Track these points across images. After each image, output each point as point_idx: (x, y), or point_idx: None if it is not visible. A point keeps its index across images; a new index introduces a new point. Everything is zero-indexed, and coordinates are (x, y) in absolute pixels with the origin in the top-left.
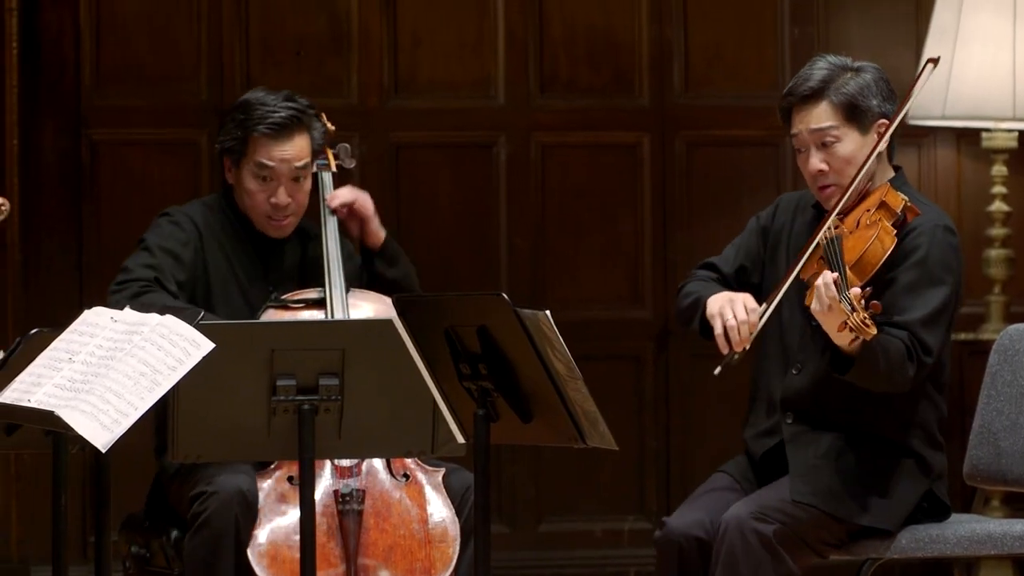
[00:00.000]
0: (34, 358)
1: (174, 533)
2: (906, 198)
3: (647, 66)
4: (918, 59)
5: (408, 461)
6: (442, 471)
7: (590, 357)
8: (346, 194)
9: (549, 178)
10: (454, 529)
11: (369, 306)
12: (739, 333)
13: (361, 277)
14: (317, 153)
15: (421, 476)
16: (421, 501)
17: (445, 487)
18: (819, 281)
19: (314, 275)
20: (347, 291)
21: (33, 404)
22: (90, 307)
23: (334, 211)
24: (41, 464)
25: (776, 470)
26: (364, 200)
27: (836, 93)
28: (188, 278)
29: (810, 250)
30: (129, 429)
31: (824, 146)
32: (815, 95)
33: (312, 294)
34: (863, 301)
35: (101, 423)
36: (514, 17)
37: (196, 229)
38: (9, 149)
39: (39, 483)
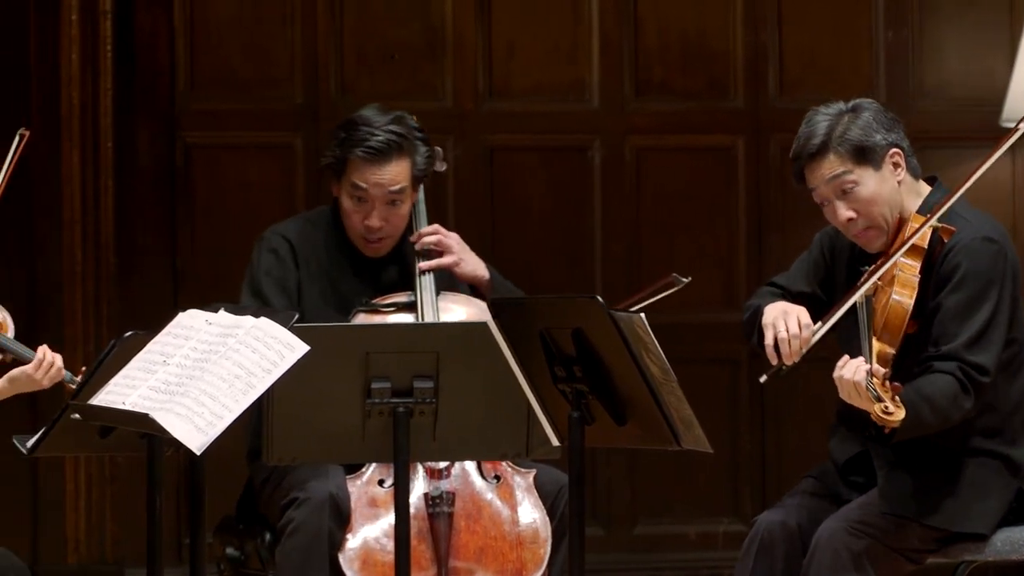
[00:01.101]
0: (129, 361)
1: (268, 536)
2: (936, 222)
3: (742, 70)
4: (1011, 62)
5: (500, 463)
6: (534, 472)
7: (685, 360)
8: (429, 237)
9: (643, 181)
10: (545, 530)
11: (460, 309)
12: (789, 346)
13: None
14: (419, 179)
15: (513, 477)
16: (512, 503)
17: (537, 488)
18: (840, 373)
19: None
20: (438, 294)
21: (128, 407)
22: (184, 310)
23: (423, 252)
24: (136, 466)
25: (861, 476)
26: (448, 253)
27: (840, 142)
28: (289, 301)
29: (854, 298)
30: (223, 431)
31: (845, 193)
32: (821, 150)
33: (402, 297)
34: (887, 383)
35: (196, 425)
36: (609, 23)
37: (291, 250)
38: (104, 152)
39: (134, 485)
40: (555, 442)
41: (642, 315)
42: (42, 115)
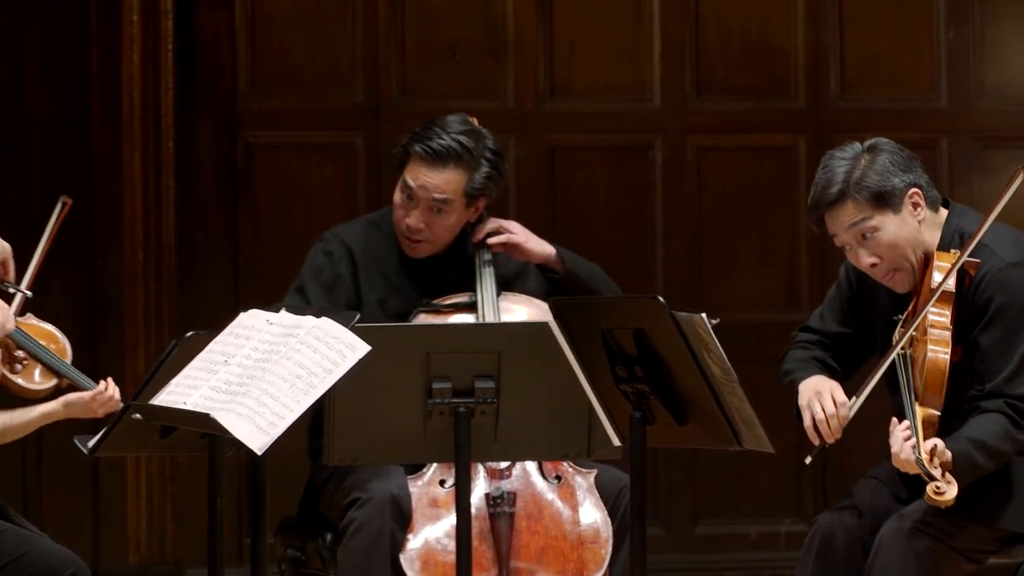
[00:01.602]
0: (190, 361)
1: (329, 536)
2: (958, 258)
3: (803, 70)
4: None
5: (561, 463)
6: (595, 472)
7: (746, 360)
8: (489, 226)
9: (704, 181)
10: (606, 530)
11: (521, 309)
12: (828, 426)
13: (546, 290)
14: (473, 196)
15: (574, 478)
16: (573, 503)
17: (598, 488)
18: (892, 446)
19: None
20: (498, 294)
21: (189, 407)
22: (246, 310)
23: (486, 246)
24: (197, 466)
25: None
26: (511, 232)
27: (859, 189)
28: (344, 304)
29: (878, 375)
30: (284, 432)
31: (865, 239)
32: (840, 198)
33: (463, 298)
34: (934, 457)
35: (257, 426)
36: (670, 22)
37: (349, 255)
38: (165, 152)
39: (195, 485)
40: (616, 442)
41: (703, 315)
42: (103, 115)
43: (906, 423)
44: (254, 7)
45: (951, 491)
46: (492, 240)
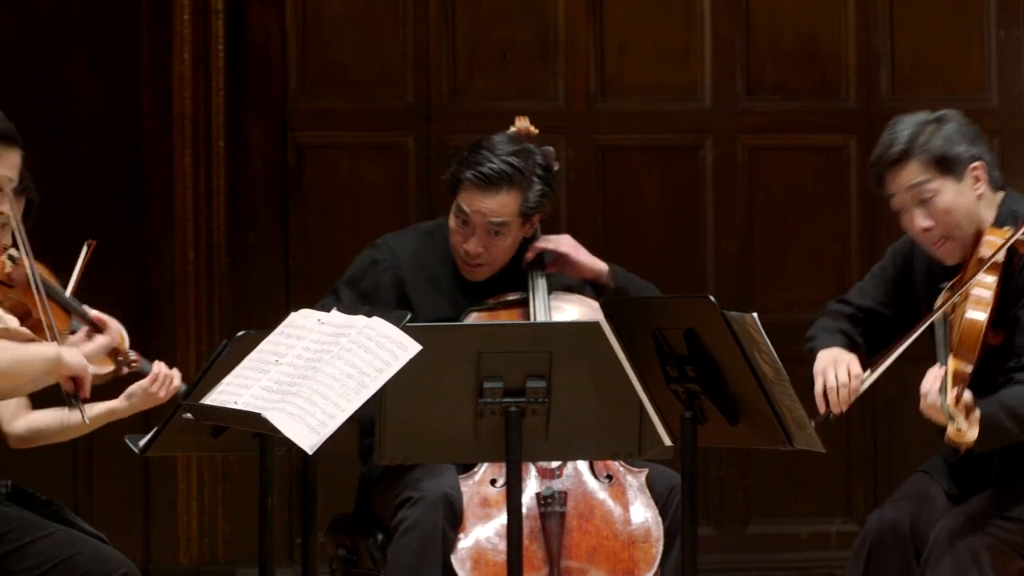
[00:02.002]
0: (241, 360)
1: (380, 535)
2: (1012, 234)
3: (854, 70)
4: None
5: (612, 462)
6: (646, 471)
7: (797, 360)
8: (541, 244)
9: (755, 181)
10: (657, 530)
11: (572, 308)
12: (837, 395)
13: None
14: (528, 215)
15: (625, 477)
16: (624, 502)
17: (649, 488)
18: (922, 390)
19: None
20: (549, 294)
21: (240, 406)
22: (296, 309)
23: (540, 267)
24: (248, 466)
25: (973, 472)
26: (560, 243)
27: (923, 150)
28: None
29: (921, 329)
30: (335, 431)
31: (923, 202)
32: (903, 157)
33: (513, 296)
34: (961, 401)
35: (308, 425)
36: (721, 23)
37: (398, 262)
38: (216, 152)
39: (246, 485)
40: (667, 442)
41: (754, 315)
42: (154, 115)
43: (938, 367)
44: (305, 7)
45: (972, 432)
46: (539, 244)
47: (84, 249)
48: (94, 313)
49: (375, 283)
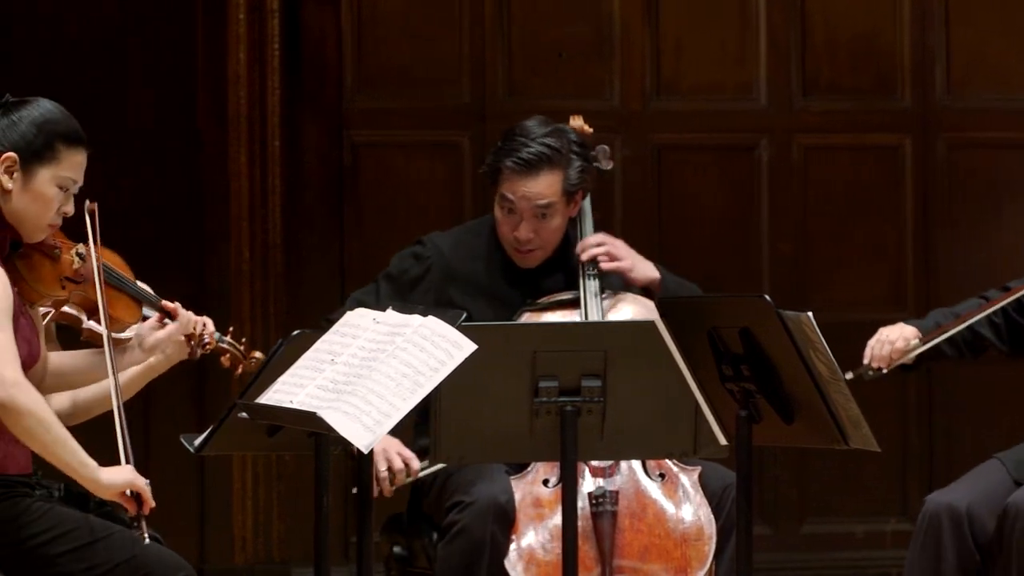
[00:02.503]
0: (296, 359)
1: (434, 535)
2: None
3: (909, 69)
4: None
5: (665, 460)
6: (698, 469)
7: (852, 359)
8: (595, 248)
9: (811, 180)
10: (710, 528)
11: (626, 307)
12: (881, 350)
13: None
14: (572, 193)
15: (677, 475)
16: (677, 500)
17: (702, 486)
18: None
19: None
20: (602, 291)
21: (295, 405)
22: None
23: (590, 261)
24: (303, 465)
25: None
26: (619, 259)
27: None
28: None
29: (984, 314)
30: (390, 431)
31: None
32: None
33: (566, 295)
34: None
35: (363, 424)
36: (776, 22)
37: (443, 259)
38: (271, 151)
39: (301, 484)
40: (723, 441)
41: (809, 314)
42: (210, 114)
43: None
44: (360, 6)
45: None
46: (601, 265)
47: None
48: (165, 302)
49: (416, 277)
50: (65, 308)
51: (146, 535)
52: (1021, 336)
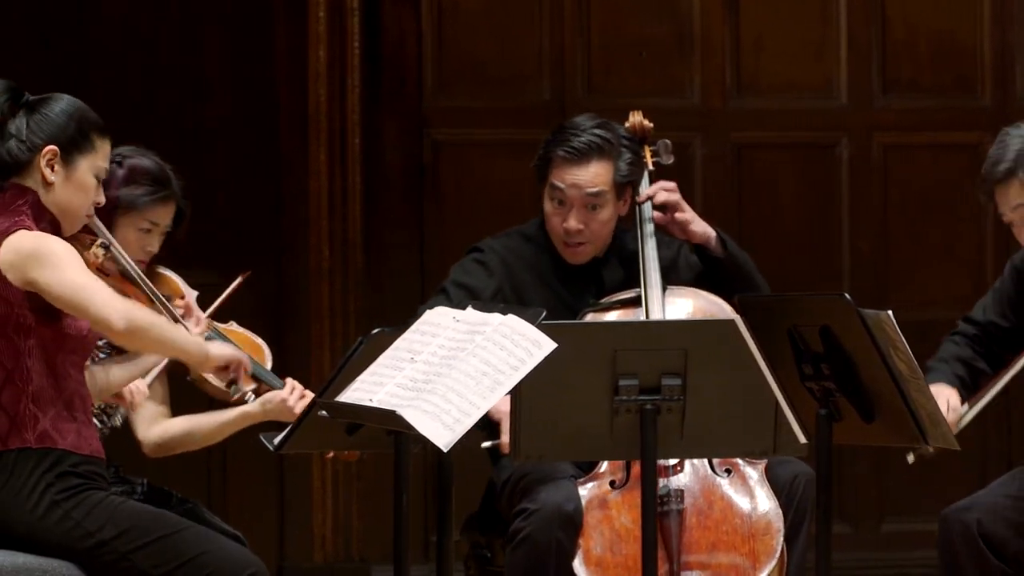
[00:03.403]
0: (376, 358)
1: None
2: None
3: (989, 67)
4: None
5: None
6: (764, 462)
7: (931, 358)
8: (659, 195)
9: (891, 178)
10: (778, 521)
11: (686, 302)
12: None
13: (700, 274)
14: (622, 186)
15: (744, 469)
16: (744, 495)
17: (769, 479)
18: None
19: (639, 282)
20: (664, 289)
21: (375, 404)
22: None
23: (650, 215)
24: (383, 464)
25: None
26: (681, 209)
27: None
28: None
29: (995, 390)
30: (469, 430)
31: None
32: (1007, 176)
33: (628, 294)
34: None
35: (443, 422)
36: (857, 21)
37: (504, 264)
38: (351, 149)
39: (380, 483)
40: (802, 440)
41: (890, 313)
42: (290, 113)
43: None
44: (440, 4)
45: None
46: (658, 215)
47: (239, 279)
48: (179, 301)
49: (483, 280)
50: None
51: (247, 391)
52: (995, 351)
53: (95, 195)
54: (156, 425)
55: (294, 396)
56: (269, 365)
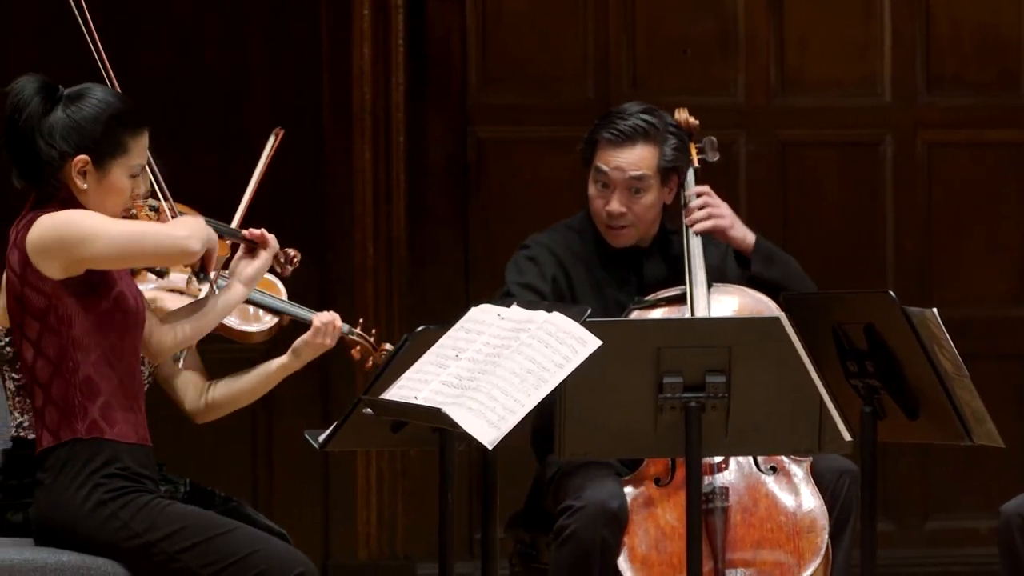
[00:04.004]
0: (421, 355)
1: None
2: None
3: None
4: None
5: None
6: (809, 460)
7: (976, 355)
8: (698, 214)
9: (935, 176)
10: (823, 519)
11: (732, 299)
12: None
13: (742, 279)
14: (667, 172)
15: (789, 467)
16: (788, 493)
17: (814, 475)
18: None
19: (683, 279)
20: (709, 286)
21: (420, 401)
22: (476, 304)
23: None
24: (427, 461)
25: None
26: (719, 217)
27: None
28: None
29: None
30: (513, 427)
31: None
32: None
33: (673, 291)
34: None
35: (488, 420)
36: (901, 18)
37: (555, 258)
38: (395, 146)
39: (425, 480)
40: (847, 437)
41: (934, 310)
42: (334, 110)
43: None
44: (485, 2)
45: None
46: (698, 227)
47: (272, 138)
48: (252, 230)
49: (541, 277)
50: None
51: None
52: None
53: (133, 190)
54: (199, 392)
55: (320, 335)
56: (284, 295)
